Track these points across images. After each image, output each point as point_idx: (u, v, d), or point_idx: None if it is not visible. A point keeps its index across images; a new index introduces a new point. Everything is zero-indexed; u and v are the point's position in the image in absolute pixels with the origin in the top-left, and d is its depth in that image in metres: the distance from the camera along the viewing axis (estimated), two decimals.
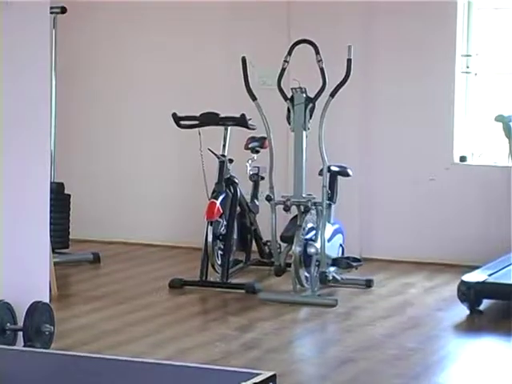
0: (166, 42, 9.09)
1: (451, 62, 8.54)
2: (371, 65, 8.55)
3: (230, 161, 7.85)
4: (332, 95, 7.35)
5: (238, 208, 7.88)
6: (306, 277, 7.34)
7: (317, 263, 7.36)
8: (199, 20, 9.00)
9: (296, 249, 7.28)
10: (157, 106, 8.85)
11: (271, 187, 7.48)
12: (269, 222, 7.54)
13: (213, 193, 7.67)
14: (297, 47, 7.49)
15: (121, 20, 9.24)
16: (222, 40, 8.86)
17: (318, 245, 7.37)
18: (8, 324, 5.61)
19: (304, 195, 7.42)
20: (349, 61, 7.33)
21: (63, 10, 8.12)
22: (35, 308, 5.71)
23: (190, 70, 9.01)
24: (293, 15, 8.63)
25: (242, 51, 7.72)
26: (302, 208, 7.41)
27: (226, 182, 7.76)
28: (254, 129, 7.80)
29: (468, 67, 8.64)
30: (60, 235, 8.07)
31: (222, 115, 7.85)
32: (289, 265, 7.36)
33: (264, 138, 7.74)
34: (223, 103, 8.09)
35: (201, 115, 7.87)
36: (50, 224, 6.21)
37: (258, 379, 2.48)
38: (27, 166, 5.86)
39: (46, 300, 5.94)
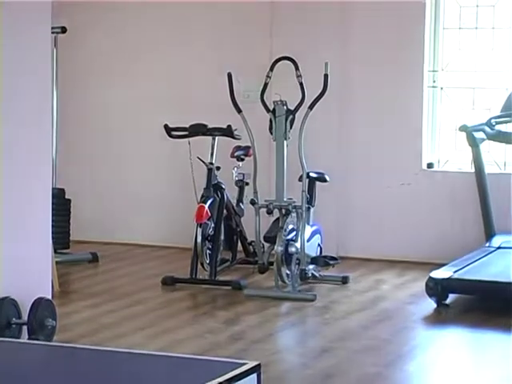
0: (157, 59, 9.11)
1: (419, 77, 8.57)
2: (347, 79, 8.55)
3: (218, 168, 7.85)
4: (311, 107, 7.37)
5: (225, 211, 7.89)
6: (287, 274, 7.35)
7: (297, 261, 7.37)
8: (189, 40, 9.00)
9: (278, 248, 7.29)
10: (150, 118, 8.85)
11: (255, 192, 7.49)
12: (253, 224, 7.54)
13: (201, 197, 7.67)
14: (278, 64, 7.50)
15: (115, 39, 9.24)
16: (210, 57, 8.86)
17: (298, 245, 7.37)
18: (13, 318, 5.60)
19: (285, 199, 7.43)
20: (326, 76, 7.35)
21: (63, 30, 8.11)
22: (38, 304, 5.70)
23: (181, 85, 9.01)
24: (275, 35, 8.64)
25: (227, 68, 7.72)
26: (283, 211, 7.42)
27: (213, 188, 7.77)
28: (239, 139, 7.81)
29: (434, 82, 8.66)
30: (61, 237, 8.06)
31: (210, 126, 7.86)
32: (271, 263, 7.37)
33: (248, 147, 7.75)
34: (211, 115, 8.09)
35: (190, 126, 7.88)
36: (52, 226, 6.20)
37: (241, 370, 2.48)
38: (30, 173, 5.85)
39: (49, 296, 5.92)
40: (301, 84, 7.31)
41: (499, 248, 7.93)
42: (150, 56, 9.12)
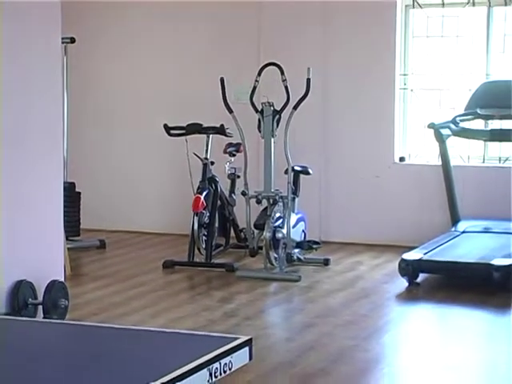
0: (157, 67, 9.11)
1: (392, 80, 8.57)
2: (328, 83, 8.55)
3: (212, 163, 7.85)
4: (295, 108, 7.37)
5: (219, 201, 7.88)
6: (275, 257, 7.35)
7: (284, 246, 7.38)
8: (186, 50, 9.00)
9: (266, 234, 7.29)
10: (151, 118, 8.84)
11: (246, 184, 7.49)
12: (244, 213, 7.55)
13: (198, 189, 7.67)
14: (265, 69, 7.49)
15: (119, 48, 9.23)
16: (204, 65, 8.85)
17: (284, 231, 7.38)
18: (30, 299, 5.60)
19: (272, 190, 7.44)
20: (308, 80, 7.35)
21: (72, 40, 8.10)
22: (52, 286, 5.70)
23: (178, 89, 9.00)
24: (262, 43, 8.63)
25: (220, 73, 7.72)
26: (271, 201, 7.43)
27: (208, 181, 7.77)
28: (231, 136, 7.80)
29: (405, 84, 8.67)
30: (72, 225, 8.06)
31: (205, 125, 7.86)
32: (261, 247, 7.37)
33: (239, 144, 7.75)
34: (205, 115, 8.08)
35: (187, 125, 7.88)
36: (64, 216, 6.19)
37: (234, 344, 2.48)
38: (45, 169, 5.84)
39: (61, 279, 5.92)
40: (286, 87, 7.31)
41: (464, 232, 7.95)
42: (151, 63, 9.12)
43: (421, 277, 7.12)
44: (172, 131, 7.88)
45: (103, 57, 9.27)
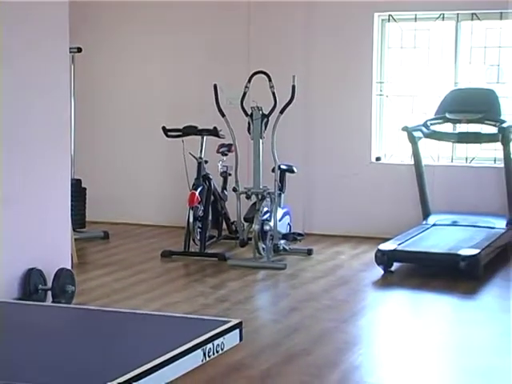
0: (156, 74, 9.10)
1: (369, 87, 8.58)
2: (311, 89, 8.55)
3: (206, 162, 7.84)
4: (281, 112, 7.37)
5: (212, 197, 7.87)
6: (262, 248, 7.36)
7: (271, 237, 7.38)
8: (181, 59, 8.99)
9: (255, 227, 7.29)
10: (150, 121, 8.83)
11: (236, 181, 7.49)
12: (235, 207, 7.55)
13: (193, 185, 7.67)
14: (255, 76, 7.50)
15: (121, 57, 9.22)
16: (199, 72, 8.85)
17: (271, 223, 7.39)
18: (40, 285, 5.59)
19: (261, 187, 7.44)
20: (293, 87, 7.35)
21: (79, 50, 8.07)
22: (60, 273, 5.69)
23: (175, 94, 9.00)
24: (252, 54, 8.63)
25: (213, 80, 7.71)
26: (259, 196, 7.43)
27: (202, 178, 7.76)
28: (223, 137, 7.80)
29: (381, 91, 8.67)
30: (78, 218, 8.05)
31: (199, 128, 7.85)
32: (250, 239, 7.38)
33: (231, 145, 7.75)
34: (200, 119, 8.07)
35: (183, 128, 7.87)
36: (71, 210, 6.18)
37: (226, 326, 2.47)
38: (54, 168, 5.83)
39: (69, 267, 5.91)
40: (273, 93, 7.31)
41: (434, 225, 7.96)
42: (150, 71, 9.11)
43: (395, 265, 7.13)
44: (170, 133, 7.88)
45: (107, 65, 9.25)
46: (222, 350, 2.40)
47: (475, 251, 6.90)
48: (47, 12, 5.71)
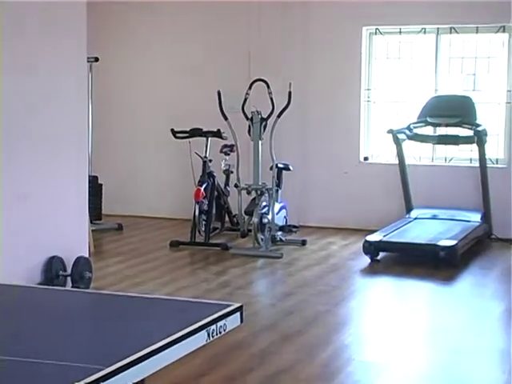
0: (165, 81, 9.09)
1: (358, 94, 8.58)
2: (306, 95, 8.55)
3: (210, 160, 7.83)
4: (279, 116, 7.37)
5: (216, 192, 7.88)
6: (261, 238, 7.35)
7: (269, 229, 7.38)
8: (189, 69, 8.98)
9: (255, 219, 7.30)
10: (160, 123, 8.82)
11: (238, 178, 7.49)
12: (236, 202, 7.55)
13: (198, 182, 7.66)
14: (255, 84, 7.49)
15: (135, 66, 9.21)
16: (205, 81, 8.83)
17: (269, 217, 7.39)
18: (60, 272, 5.60)
19: (260, 183, 7.45)
20: (290, 93, 7.35)
21: (96, 59, 8.07)
22: (79, 260, 5.70)
23: (183, 99, 8.99)
24: (252, 63, 8.62)
25: (217, 87, 7.71)
26: (258, 192, 7.43)
27: (207, 175, 7.76)
28: (226, 139, 7.79)
29: (369, 97, 8.67)
30: (95, 211, 8.06)
31: (205, 130, 7.85)
32: (250, 230, 7.38)
33: (233, 145, 7.74)
34: (205, 122, 8.06)
35: (190, 130, 7.87)
36: (89, 204, 6.19)
37: (228, 310, 2.47)
38: (72, 165, 5.83)
39: (86, 255, 5.92)
40: (271, 99, 7.31)
41: (416, 218, 7.97)
42: (160, 78, 9.10)
43: (381, 255, 7.14)
44: (178, 134, 7.88)
45: (121, 73, 9.24)
46: (224, 330, 2.40)
47: (453, 242, 6.91)
48: (67, 26, 5.71)
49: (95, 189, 8.06)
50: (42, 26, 5.46)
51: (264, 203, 7.45)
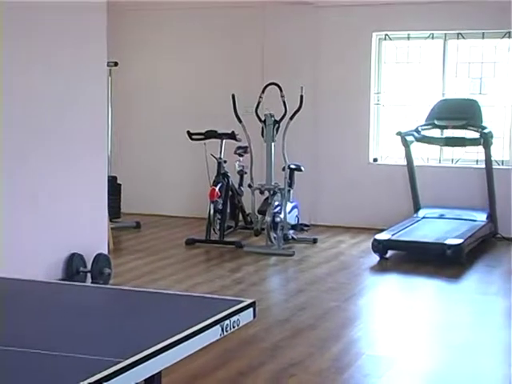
0: (182, 85, 9.11)
1: (368, 97, 8.56)
2: (317, 99, 8.54)
3: (225, 161, 7.84)
4: (291, 118, 7.36)
5: (230, 192, 7.88)
6: (274, 237, 7.35)
7: (281, 227, 7.38)
8: (205, 71, 8.99)
9: (268, 218, 7.29)
10: (177, 126, 8.83)
11: (251, 178, 7.49)
12: (250, 201, 7.54)
13: (213, 182, 7.67)
14: (268, 87, 7.49)
15: (153, 70, 9.24)
16: (220, 84, 8.84)
17: (282, 216, 7.38)
18: (81, 268, 5.62)
19: (273, 183, 7.44)
20: (301, 96, 7.34)
21: (116, 64, 8.09)
22: (99, 257, 5.72)
23: (199, 102, 9.00)
24: (266, 67, 8.62)
25: (232, 90, 7.71)
26: (271, 192, 7.42)
27: (222, 175, 7.76)
28: (240, 141, 7.80)
29: (378, 100, 8.65)
30: (114, 210, 8.08)
31: (219, 132, 7.86)
32: (263, 229, 7.37)
33: (246, 147, 7.73)
34: (220, 124, 8.07)
35: (205, 132, 7.88)
36: (108, 203, 6.20)
37: (241, 305, 2.47)
38: (92, 166, 5.85)
39: (106, 252, 5.94)
40: (284, 102, 7.30)
41: (424, 218, 7.95)
42: (176, 82, 9.11)
43: (389, 253, 7.12)
44: (193, 136, 7.89)
45: (139, 77, 9.27)
46: (237, 325, 2.39)
47: (459, 241, 6.88)
48: (88, 33, 5.74)
49: (114, 188, 8.08)
50: (65, 33, 5.48)
51: (276, 203, 7.44)
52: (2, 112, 4.97)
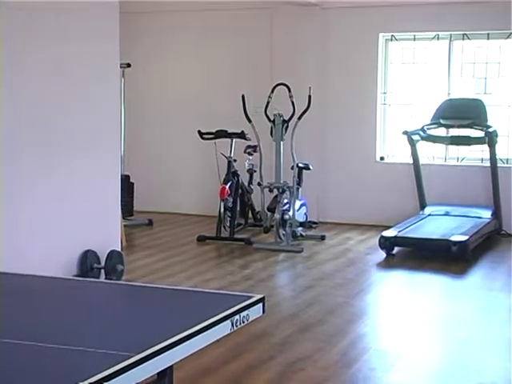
0: (193, 86, 9.11)
1: (374, 97, 8.55)
2: (325, 99, 8.54)
3: (234, 160, 7.85)
4: (299, 118, 7.36)
5: (240, 190, 7.89)
6: (283, 233, 7.36)
7: (290, 225, 7.38)
8: (216, 72, 9.00)
9: (277, 216, 7.29)
10: (188, 126, 8.84)
11: (261, 177, 7.50)
12: (259, 199, 7.55)
13: (223, 181, 7.68)
14: (277, 88, 7.49)
15: (165, 71, 9.25)
16: (229, 85, 8.85)
17: (290, 213, 7.38)
18: (95, 264, 5.63)
19: (281, 182, 7.44)
20: (309, 97, 7.33)
21: (128, 65, 8.11)
22: (112, 254, 5.73)
23: (209, 102, 9.01)
24: (274, 68, 8.62)
25: (241, 91, 7.72)
26: (280, 190, 7.42)
27: (232, 174, 7.77)
28: (249, 140, 7.80)
29: (385, 100, 8.64)
30: (127, 208, 8.10)
31: (229, 131, 7.86)
32: (272, 226, 7.38)
33: (256, 146, 7.74)
34: (230, 124, 8.08)
35: (216, 131, 7.88)
36: (121, 201, 6.21)
37: (251, 300, 2.47)
38: (106, 165, 5.87)
39: (119, 249, 5.95)
40: (292, 102, 7.30)
41: (429, 215, 7.93)
42: (187, 83, 9.12)
43: (396, 249, 7.12)
44: (204, 136, 7.90)
45: (151, 78, 9.28)
46: (247, 320, 2.40)
47: (465, 237, 6.87)
48: (102, 35, 5.75)
49: (127, 187, 8.10)
50: (80, 36, 5.50)
51: (285, 200, 7.44)
52: (22, 113, 4.99)
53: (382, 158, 8.60)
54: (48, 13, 5.19)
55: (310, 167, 7.78)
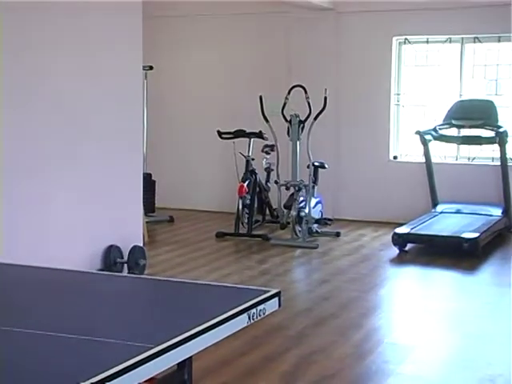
0: (213, 87, 9.12)
1: (388, 98, 8.51)
2: (340, 100, 8.51)
3: (252, 159, 7.85)
4: (315, 119, 7.35)
5: (257, 188, 7.89)
6: (299, 230, 7.35)
7: (306, 222, 7.37)
8: (234, 74, 9.00)
9: (293, 213, 7.29)
10: (208, 125, 8.84)
11: (278, 175, 7.49)
12: (276, 197, 7.55)
13: (242, 179, 7.68)
14: (293, 89, 7.48)
15: (186, 73, 9.26)
16: (248, 87, 8.84)
17: (306, 210, 7.37)
18: (118, 259, 5.66)
19: (298, 180, 7.43)
20: (325, 98, 7.32)
21: (151, 68, 8.12)
22: (134, 249, 5.75)
23: (228, 103, 9.01)
24: (292, 70, 8.61)
25: (259, 92, 7.71)
26: (296, 188, 7.41)
27: (250, 172, 7.77)
28: (267, 139, 7.80)
29: (398, 101, 8.60)
30: (149, 205, 8.12)
31: (248, 131, 7.86)
32: (288, 223, 7.37)
33: (273, 145, 7.74)
34: (248, 124, 8.08)
35: (234, 131, 7.89)
36: (143, 198, 6.24)
37: (267, 294, 2.47)
38: (128, 164, 5.89)
39: (141, 244, 5.97)
40: (308, 103, 7.29)
41: (441, 213, 7.89)
42: (207, 84, 9.13)
43: (408, 246, 7.09)
44: (223, 135, 7.90)
45: (173, 80, 9.29)
46: (263, 314, 2.40)
47: (476, 234, 6.83)
48: (126, 39, 5.77)
49: (149, 185, 8.13)
50: (105, 39, 5.52)
51: (301, 198, 7.43)
52: (51, 113, 5.02)
53: (395, 157, 8.56)
54: (77, 20, 5.21)
55: (326, 166, 7.77)
